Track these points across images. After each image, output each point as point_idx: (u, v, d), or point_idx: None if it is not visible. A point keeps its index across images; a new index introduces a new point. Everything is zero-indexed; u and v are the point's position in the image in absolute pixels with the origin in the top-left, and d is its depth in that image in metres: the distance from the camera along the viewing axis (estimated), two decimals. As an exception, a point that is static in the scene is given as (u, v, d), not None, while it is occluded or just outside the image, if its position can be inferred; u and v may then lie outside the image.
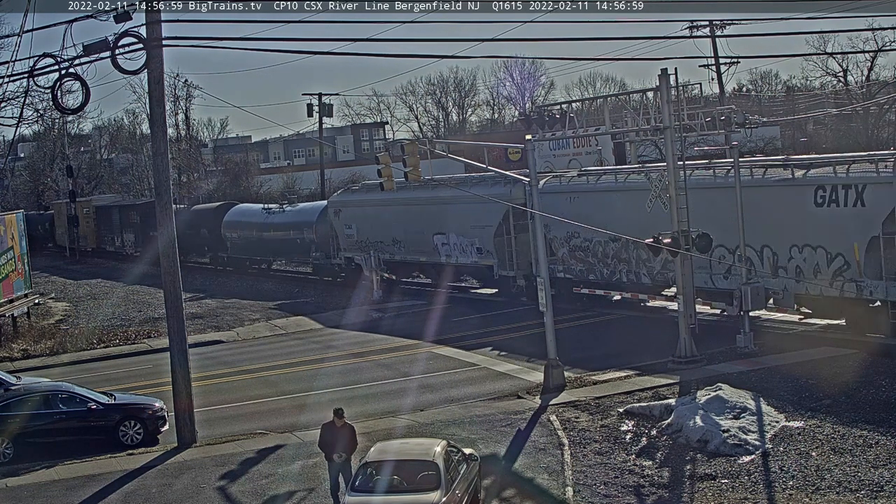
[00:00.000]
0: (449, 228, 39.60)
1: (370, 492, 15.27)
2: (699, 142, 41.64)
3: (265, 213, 50.87)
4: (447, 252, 40.04)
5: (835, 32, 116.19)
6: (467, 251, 39.05)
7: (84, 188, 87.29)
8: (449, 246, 39.83)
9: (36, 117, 52.43)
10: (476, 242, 38.41)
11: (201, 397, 24.91)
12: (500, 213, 36.59)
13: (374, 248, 43.01)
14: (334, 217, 45.80)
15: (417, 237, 41.28)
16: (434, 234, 40.18)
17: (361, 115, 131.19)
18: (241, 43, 23.52)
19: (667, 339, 26.75)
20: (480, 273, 40.08)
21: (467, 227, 38.49)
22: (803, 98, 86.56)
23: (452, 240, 39.55)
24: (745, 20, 67.11)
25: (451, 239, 39.57)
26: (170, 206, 22.97)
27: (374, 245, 43.15)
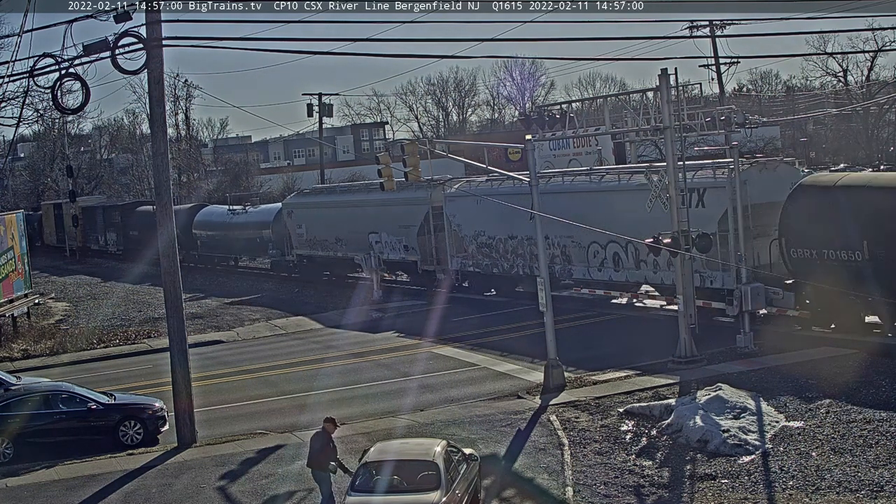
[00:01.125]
0: (381, 228, 43.56)
1: (370, 492, 15.26)
2: (699, 142, 41.65)
3: (230, 213, 54.73)
4: (380, 249, 43.63)
5: (835, 32, 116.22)
6: (396, 248, 42.87)
7: (84, 188, 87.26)
8: (381, 244, 43.64)
9: (36, 117, 52.51)
10: (403, 240, 42.30)
11: (201, 397, 24.91)
12: (422, 214, 40.97)
13: (320, 246, 47.80)
14: (288, 218, 49.86)
15: (356, 236, 45.15)
16: (369, 232, 44.04)
17: (361, 115, 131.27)
18: (241, 43, 23.55)
19: (667, 339, 26.75)
20: (408, 268, 43.52)
21: (396, 226, 42.56)
22: (803, 98, 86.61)
23: (384, 238, 43.47)
24: (745, 20, 67.19)
25: (383, 237, 43.48)
26: (170, 206, 22.96)
27: (321, 244, 47.74)
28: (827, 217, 26.01)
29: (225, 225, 54.74)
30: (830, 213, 25.96)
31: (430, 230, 40.75)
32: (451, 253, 39.86)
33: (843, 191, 26.07)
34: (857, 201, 24.88)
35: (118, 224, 67.02)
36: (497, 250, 37.59)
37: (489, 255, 38.03)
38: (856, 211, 24.37)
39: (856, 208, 24.17)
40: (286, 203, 51.22)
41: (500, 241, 37.37)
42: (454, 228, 39.55)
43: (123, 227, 65.51)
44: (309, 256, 49.14)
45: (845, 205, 25.56)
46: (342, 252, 46.49)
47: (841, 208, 25.66)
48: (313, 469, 16.78)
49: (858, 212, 24.51)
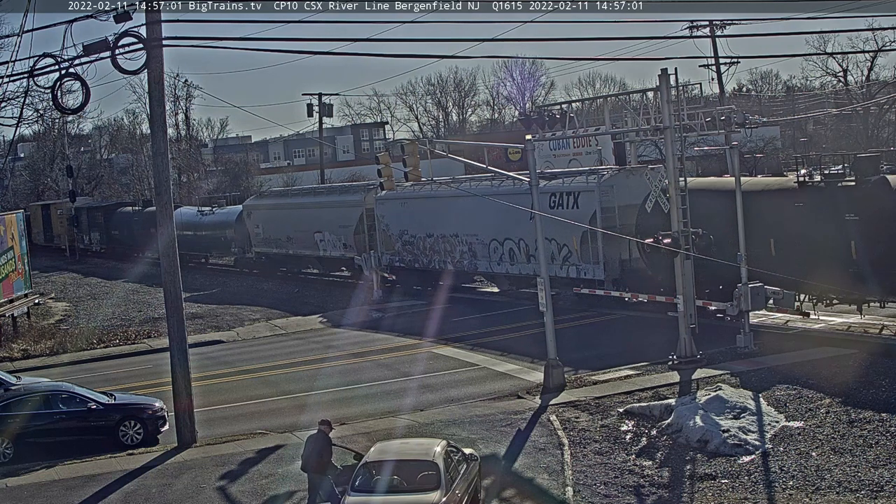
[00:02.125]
0: (324, 228, 48.02)
1: (370, 492, 15.26)
2: (699, 142, 41.65)
3: (199, 214, 59.18)
4: (324, 247, 48.47)
5: (835, 32, 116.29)
6: (337, 246, 47.54)
7: (84, 188, 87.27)
8: (325, 242, 48.30)
9: (36, 117, 52.67)
10: (342, 239, 46.92)
11: (201, 397, 24.91)
12: (357, 216, 45.65)
13: (274, 244, 52.14)
14: (247, 218, 54.36)
15: (304, 235, 49.60)
16: (314, 232, 48.54)
17: (361, 115, 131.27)
18: (241, 43, 23.56)
19: (667, 339, 26.75)
20: (346, 263, 47.94)
21: (336, 226, 47.13)
22: (803, 98, 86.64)
23: (327, 237, 48.08)
24: (745, 20, 67.17)
25: (326, 236, 48.09)
26: (170, 205, 22.98)
27: (275, 242, 52.13)
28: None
29: (195, 225, 58.25)
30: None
31: (364, 230, 45.12)
32: (382, 250, 43.89)
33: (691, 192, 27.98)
34: (693, 202, 26.87)
35: (101, 224, 70.58)
36: (418, 247, 41.97)
37: (412, 251, 42.39)
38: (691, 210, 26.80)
39: (691, 208, 26.60)
40: (246, 205, 55.78)
41: (420, 239, 41.74)
42: (383, 228, 43.84)
43: (106, 227, 69.40)
44: (266, 253, 53.34)
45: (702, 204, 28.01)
46: (293, 249, 50.96)
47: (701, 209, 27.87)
48: (311, 473, 16.72)
49: (694, 211, 26.89)
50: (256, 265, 54.56)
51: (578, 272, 33.88)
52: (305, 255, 50.43)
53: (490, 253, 37.83)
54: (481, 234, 37.91)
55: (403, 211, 42.31)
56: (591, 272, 33.31)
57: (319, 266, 50.91)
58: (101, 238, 70.98)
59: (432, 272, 41.68)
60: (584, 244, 33.35)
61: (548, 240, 31.67)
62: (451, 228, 39.46)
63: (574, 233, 32.89)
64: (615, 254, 32.74)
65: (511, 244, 36.49)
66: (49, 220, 78.80)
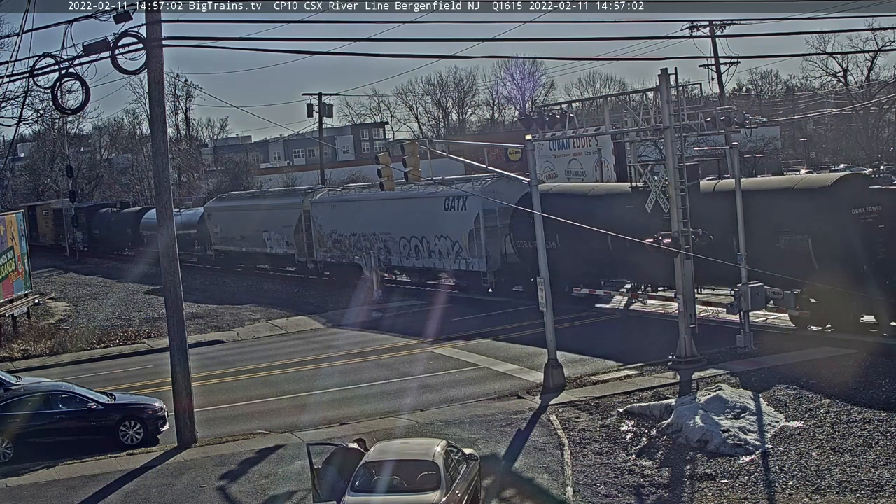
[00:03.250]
0: (270, 227, 52.88)
1: (370, 492, 15.26)
2: (699, 142, 41.62)
3: None
4: (271, 245, 53.35)
5: (835, 32, 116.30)
6: (281, 244, 52.31)
7: (84, 188, 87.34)
8: (271, 240, 53.15)
9: (36, 117, 52.70)
10: (285, 237, 51.70)
11: (201, 397, 24.91)
12: (297, 217, 50.32)
13: (230, 243, 57.15)
14: (208, 219, 59.25)
15: (254, 234, 54.49)
16: (262, 231, 53.27)
17: (361, 115, 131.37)
18: (241, 43, 23.60)
19: (667, 339, 26.75)
20: (289, 260, 52.41)
21: (280, 226, 51.97)
22: (803, 98, 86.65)
23: (273, 236, 52.92)
24: (745, 20, 67.18)
25: (272, 235, 52.94)
26: (170, 206, 22.97)
27: (231, 240, 57.12)
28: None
29: None
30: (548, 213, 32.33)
31: (303, 229, 50.02)
32: (316, 247, 49.26)
33: (546, 197, 31.79)
34: (551, 204, 31.15)
35: (84, 224, 75.65)
36: (345, 245, 46.95)
37: (340, 248, 47.39)
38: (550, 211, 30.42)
39: (550, 209, 30.16)
40: (206, 207, 60.63)
41: (346, 238, 46.73)
42: (317, 228, 49.01)
43: (88, 227, 74.88)
44: (224, 251, 58.40)
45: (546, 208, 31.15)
46: (246, 247, 55.91)
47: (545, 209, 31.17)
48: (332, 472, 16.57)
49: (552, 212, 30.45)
50: (217, 262, 59.34)
51: (467, 265, 39.35)
52: (256, 252, 54.96)
53: (401, 249, 43.09)
54: (393, 232, 43.23)
55: (333, 212, 47.66)
56: (477, 265, 38.93)
57: (268, 262, 55.35)
58: (84, 237, 76.18)
59: (357, 266, 45.98)
60: (471, 241, 38.83)
61: (445, 237, 39.80)
62: (371, 228, 44.69)
63: (463, 230, 38.99)
64: (496, 249, 38.19)
65: (416, 241, 41.96)
66: (35, 220, 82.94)
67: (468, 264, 39.16)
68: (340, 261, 47.28)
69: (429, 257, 41.11)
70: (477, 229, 38.29)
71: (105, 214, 72.65)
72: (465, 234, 38.90)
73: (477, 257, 38.72)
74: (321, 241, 48.67)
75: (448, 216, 39.62)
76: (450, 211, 39.56)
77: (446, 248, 39.80)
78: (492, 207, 37.20)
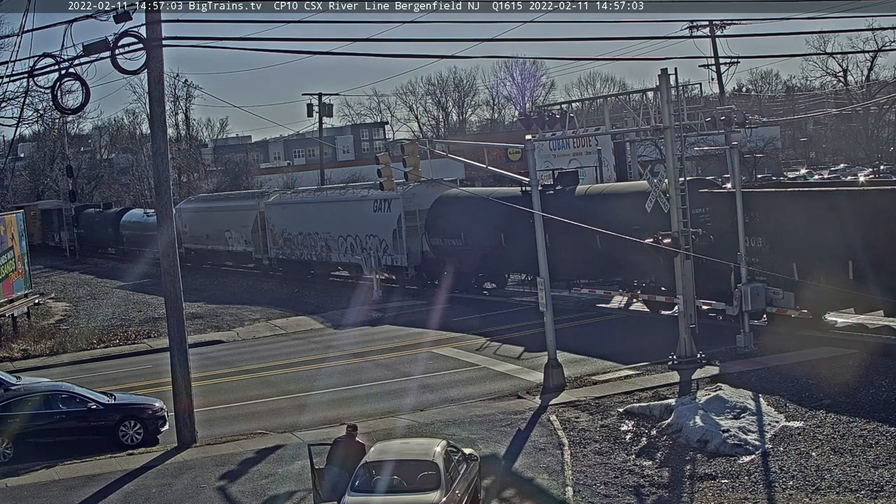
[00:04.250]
0: (231, 227, 57.42)
1: (370, 492, 15.25)
2: (699, 142, 41.68)
3: (145, 215, 67.17)
4: (232, 243, 57.97)
5: (835, 32, 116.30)
6: (240, 242, 56.97)
7: (84, 188, 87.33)
8: (232, 238, 57.69)
9: (36, 117, 52.73)
10: (244, 236, 56.23)
11: (201, 397, 24.90)
12: (253, 217, 54.99)
13: (198, 241, 61.88)
14: (178, 219, 59.82)
15: (217, 233, 59.16)
16: (224, 231, 57.57)
17: (361, 115, 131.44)
18: (241, 43, 23.57)
19: (667, 339, 26.75)
20: (248, 257, 56.78)
21: (240, 226, 56.54)
22: (803, 98, 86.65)
23: (233, 235, 57.46)
24: (745, 20, 67.13)
25: (233, 234, 57.44)
26: (170, 206, 22.96)
27: (198, 239, 61.85)
28: (445, 217, 40.64)
29: (141, 225, 67.31)
30: (447, 215, 40.53)
31: (259, 229, 54.68)
32: (270, 245, 53.84)
33: (453, 200, 40.34)
34: (459, 207, 39.15)
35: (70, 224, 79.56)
36: (294, 243, 51.38)
37: (290, 246, 51.84)
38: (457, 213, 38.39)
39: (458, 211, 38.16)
40: (178, 208, 62.76)
41: (294, 236, 51.23)
42: (271, 228, 53.67)
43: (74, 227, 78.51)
44: (193, 249, 62.55)
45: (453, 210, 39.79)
46: (210, 245, 60.77)
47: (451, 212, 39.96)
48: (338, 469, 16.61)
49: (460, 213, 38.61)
50: (186, 259, 61.01)
51: (392, 260, 43.70)
52: (220, 250, 59.69)
53: (339, 247, 47.64)
54: (333, 231, 47.80)
55: (283, 214, 52.51)
56: (400, 260, 43.29)
57: (231, 259, 59.58)
58: (70, 236, 79.60)
59: (304, 262, 51.14)
60: (395, 239, 43.23)
61: (374, 236, 44.50)
62: (314, 228, 49.32)
63: (389, 230, 43.48)
64: (416, 247, 42.47)
65: (351, 240, 46.45)
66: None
67: (393, 260, 43.61)
68: (290, 257, 52.02)
69: (362, 253, 45.76)
70: (399, 229, 42.84)
71: (89, 215, 76.35)
72: (390, 234, 43.46)
73: (400, 254, 43.13)
74: (274, 239, 53.36)
75: (376, 217, 44.36)
76: (378, 213, 44.29)
77: (375, 245, 44.47)
78: (412, 209, 42.12)
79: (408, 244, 42.61)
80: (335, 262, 48.91)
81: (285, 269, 53.02)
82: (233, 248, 57.75)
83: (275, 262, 53.93)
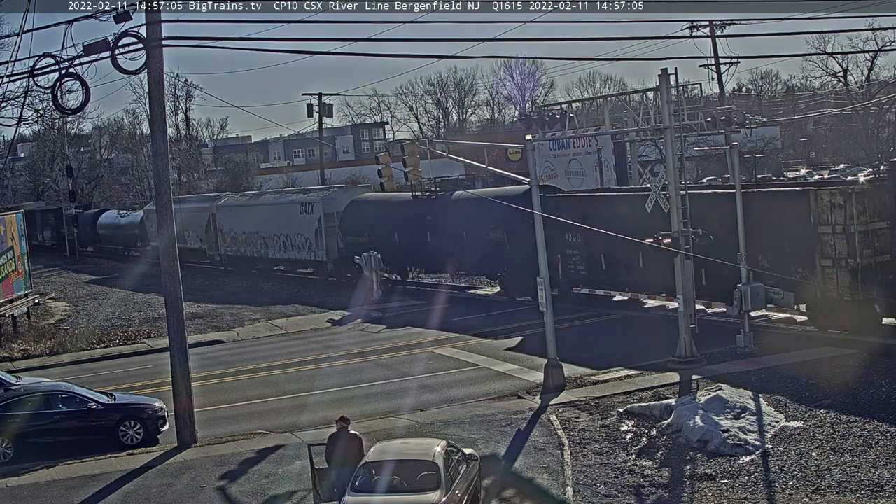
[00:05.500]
0: (189, 227, 61.57)
1: (370, 492, 15.25)
2: (699, 142, 41.67)
3: (118, 216, 74.98)
4: (190, 241, 62.21)
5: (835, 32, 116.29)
6: (197, 240, 62.33)
7: (84, 188, 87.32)
8: (191, 237, 62.44)
9: (36, 117, 52.71)
10: (199, 235, 61.84)
11: (201, 397, 24.90)
12: (206, 218, 60.55)
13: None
14: (146, 220, 68.21)
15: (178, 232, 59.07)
16: (184, 230, 60.30)
17: (361, 115, 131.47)
18: (241, 43, 23.60)
19: (667, 339, 26.74)
20: (203, 254, 61.97)
21: (196, 226, 61.78)
22: (803, 98, 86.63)
23: (191, 234, 62.25)
24: (745, 20, 67.10)
25: (190, 233, 62.19)
26: (170, 206, 22.95)
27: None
28: (355, 219, 46.93)
29: (115, 225, 74.98)
30: (356, 216, 46.91)
31: (212, 229, 60.17)
32: (220, 244, 59.15)
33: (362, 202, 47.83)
34: (366, 210, 46.54)
35: (52, 224, 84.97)
36: (238, 241, 57.16)
37: (236, 244, 57.50)
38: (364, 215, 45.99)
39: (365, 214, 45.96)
40: (145, 209, 69.96)
41: (239, 235, 57.01)
42: (220, 228, 59.23)
43: (56, 227, 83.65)
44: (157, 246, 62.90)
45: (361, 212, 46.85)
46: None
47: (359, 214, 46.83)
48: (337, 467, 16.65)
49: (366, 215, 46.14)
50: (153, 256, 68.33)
51: (315, 256, 49.73)
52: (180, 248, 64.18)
53: (274, 244, 53.42)
54: (269, 231, 53.51)
55: (231, 215, 57.99)
56: (321, 256, 49.31)
57: (190, 255, 61.68)
58: (52, 236, 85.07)
59: (248, 258, 56.79)
60: (317, 237, 49.12)
61: (301, 234, 50.50)
62: (255, 227, 55.18)
63: (312, 229, 49.36)
64: (334, 244, 48.31)
65: (283, 238, 52.18)
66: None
67: (315, 255, 49.80)
68: (237, 254, 57.95)
69: (292, 250, 51.85)
70: (320, 229, 48.79)
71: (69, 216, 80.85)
72: (313, 233, 49.44)
73: (321, 250, 49.15)
74: (224, 238, 59.09)
75: (302, 218, 50.25)
76: (303, 214, 50.29)
77: (302, 243, 50.52)
78: (330, 211, 48.16)
79: (326, 242, 48.51)
80: (272, 257, 54.53)
81: (234, 265, 58.57)
82: (190, 245, 62.12)
83: (225, 258, 59.32)
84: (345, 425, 17.01)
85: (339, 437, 16.83)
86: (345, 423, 17.05)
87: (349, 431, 16.96)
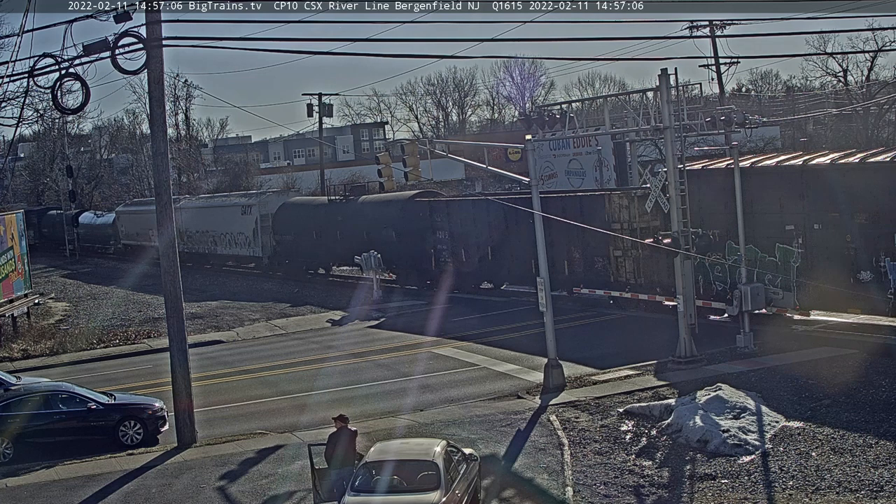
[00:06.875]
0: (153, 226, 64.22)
1: (370, 492, 15.26)
2: (699, 142, 41.63)
3: (94, 216, 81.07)
4: (153, 240, 62.83)
5: (835, 32, 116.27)
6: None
7: (84, 188, 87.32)
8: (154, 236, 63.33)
9: (36, 117, 52.65)
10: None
11: (201, 397, 24.91)
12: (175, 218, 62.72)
13: (131, 238, 72.56)
14: (118, 220, 75.48)
15: (144, 231, 68.83)
16: (149, 229, 64.53)
17: (361, 115, 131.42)
18: (241, 43, 23.59)
19: (667, 339, 26.75)
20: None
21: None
22: (803, 98, 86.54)
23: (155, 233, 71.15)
24: (745, 20, 67.19)
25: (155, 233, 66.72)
26: (170, 206, 22.98)
27: (131, 236, 72.64)
28: (283, 220, 52.79)
29: (92, 225, 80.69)
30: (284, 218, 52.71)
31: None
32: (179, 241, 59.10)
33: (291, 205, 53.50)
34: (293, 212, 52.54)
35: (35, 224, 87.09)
36: (193, 239, 62.96)
37: (192, 242, 63.08)
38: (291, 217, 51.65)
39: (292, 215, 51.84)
40: (117, 211, 77.00)
41: (194, 233, 62.87)
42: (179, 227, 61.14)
43: (38, 227, 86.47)
44: (127, 244, 73.62)
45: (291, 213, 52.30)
46: (139, 241, 70.52)
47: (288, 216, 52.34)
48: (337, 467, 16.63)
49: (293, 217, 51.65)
50: (125, 253, 74.00)
51: (253, 252, 56.18)
52: (145, 245, 67.91)
53: (221, 242, 59.80)
54: (217, 230, 59.83)
55: (188, 216, 61.93)
56: (258, 252, 55.55)
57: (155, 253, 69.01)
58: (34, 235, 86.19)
59: (202, 254, 62.46)
60: (255, 236, 55.47)
61: (242, 233, 56.69)
62: (206, 227, 61.37)
63: (250, 229, 55.82)
64: (269, 241, 54.46)
65: (229, 236, 58.81)
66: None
67: (254, 252, 56.37)
68: (192, 251, 63.01)
69: (235, 247, 58.50)
70: (257, 228, 55.13)
71: (52, 216, 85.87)
72: (251, 232, 55.80)
73: (258, 247, 55.49)
74: (181, 236, 61.38)
75: (243, 219, 56.49)
76: (244, 215, 56.52)
77: (243, 240, 57.13)
78: (266, 213, 54.42)
79: (262, 240, 54.97)
80: (220, 254, 60.84)
81: (191, 261, 62.20)
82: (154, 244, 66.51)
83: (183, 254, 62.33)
84: (343, 424, 17.02)
85: (339, 436, 16.83)
86: (343, 422, 17.06)
87: (349, 428, 16.97)
